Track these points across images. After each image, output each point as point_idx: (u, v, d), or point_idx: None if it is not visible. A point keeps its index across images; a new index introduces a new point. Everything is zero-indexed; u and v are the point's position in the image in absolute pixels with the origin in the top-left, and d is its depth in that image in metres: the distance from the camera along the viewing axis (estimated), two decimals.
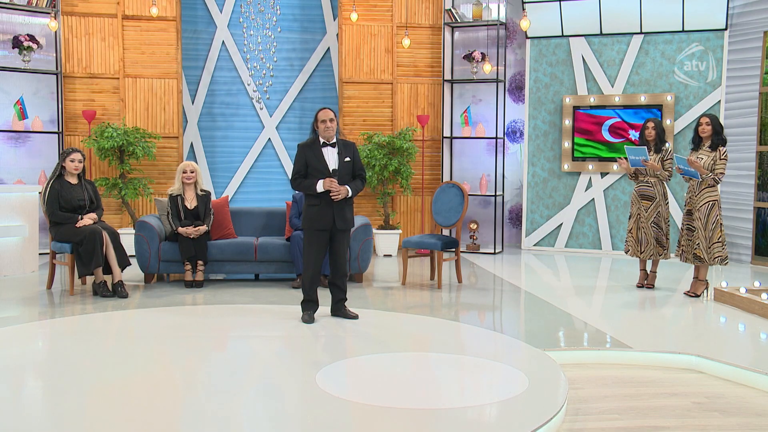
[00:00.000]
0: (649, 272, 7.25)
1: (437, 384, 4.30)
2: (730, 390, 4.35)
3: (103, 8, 9.48)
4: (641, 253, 7.12)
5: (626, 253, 7.28)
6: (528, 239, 10.08)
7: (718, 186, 6.69)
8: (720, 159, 6.57)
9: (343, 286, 5.76)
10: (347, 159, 5.62)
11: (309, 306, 5.69)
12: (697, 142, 6.80)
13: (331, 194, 5.50)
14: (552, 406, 3.75)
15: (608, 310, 6.46)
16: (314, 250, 5.60)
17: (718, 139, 6.62)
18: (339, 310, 5.77)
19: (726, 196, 9.15)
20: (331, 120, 5.52)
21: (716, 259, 6.61)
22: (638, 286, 7.27)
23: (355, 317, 5.73)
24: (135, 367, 4.48)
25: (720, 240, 6.61)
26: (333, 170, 5.55)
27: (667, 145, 7.07)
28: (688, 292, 6.84)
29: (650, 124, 7.05)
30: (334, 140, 5.61)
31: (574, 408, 3.98)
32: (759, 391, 4.33)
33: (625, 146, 7.24)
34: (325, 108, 5.61)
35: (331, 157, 5.58)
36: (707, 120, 6.68)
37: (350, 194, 5.59)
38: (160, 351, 4.89)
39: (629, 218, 7.24)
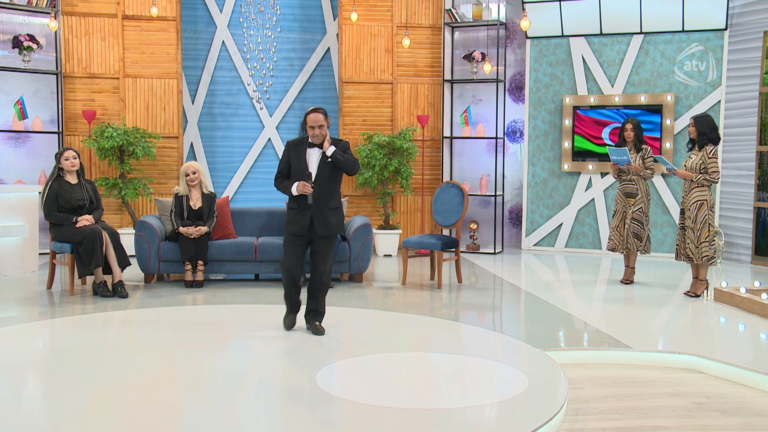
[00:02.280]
0: (628, 267, 7.44)
1: (437, 384, 4.31)
2: (730, 390, 4.35)
3: (103, 8, 9.48)
4: (625, 249, 7.32)
5: (612, 250, 7.47)
6: (528, 239, 10.08)
7: (713, 186, 6.71)
8: (709, 158, 6.58)
9: (319, 298, 5.29)
10: (330, 158, 5.18)
11: (288, 309, 5.33)
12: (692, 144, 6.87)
13: (302, 192, 5.10)
14: (552, 406, 3.75)
15: (608, 310, 6.46)
16: (289, 254, 5.20)
17: (704, 138, 6.65)
18: (309, 322, 5.33)
19: (726, 196, 9.16)
20: (320, 127, 5.08)
21: (704, 258, 6.64)
22: (623, 282, 7.46)
23: (321, 334, 5.24)
24: (135, 367, 4.48)
25: (707, 239, 6.63)
26: (307, 174, 5.13)
27: (644, 146, 7.26)
28: (688, 292, 6.84)
29: (629, 126, 7.24)
30: (320, 141, 5.17)
31: (574, 408, 3.98)
32: (759, 391, 4.33)
33: (607, 147, 7.39)
34: (315, 111, 5.12)
35: (313, 158, 5.17)
36: (692, 121, 6.78)
37: (331, 150, 5.10)
38: (160, 351, 4.89)
39: (613, 215, 7.43)
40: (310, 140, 5.17)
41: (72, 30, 9.44)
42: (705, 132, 6.63)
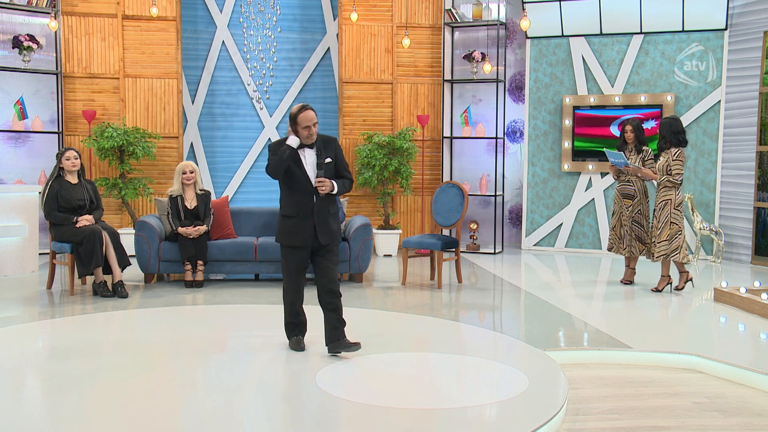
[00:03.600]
0: (628, 268, 7.44)
1: (437, 384, 4.30)
2: (730, 390, 4.35)
3: (103, 8, 9.48)
4: (623, 250, 7.34)
5: (609, 250, 7.49)
6: (528, 239, 10.08)
7: (678, 187, 6.77)
8: (673, 160, 6.72)
9: (338, 308, 4.72)
10: (328, 160, 4.70)
11: (295, 330, 4.88)
12: None
13: (317, 187, 4.64)
14: (552, 406, 3.75)
15: (608, 310, 6.46)
16: (294, 270, 4.73)
17: (663, 142, 6.80)
18: (336, 338, 4.69)
19: (726, 196, 9.16)
20: (315, 124, 4.60)
21: (660, 257, 6.78)
22: (622, 282, 7.46)
23: (357, 347, 4.69)
24: (135, 367, 4.48)
25: (668, 238, 6.73)
26: (322, 160, 4.67)
27: (645, 147, 7.26)
28: (677, 286, 6.98)
29: (628, 127, 7.26)
30: (313, 140, 4.71)
31: (574, 408, 3.98)
32: (759, 391, 4.33)
33: (604, 149, 7.43)
34: (306, 109, 4.60)
35: (309, 159, 4.68)
36: (658, 125, 6.88)
37: (335, 189, 4.70)
38: (159, 351, 4.89)
39: (612, 216, 7.47)
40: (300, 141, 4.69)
41: (72, 30, 9.44)
42: (665, 135, 6.80)
